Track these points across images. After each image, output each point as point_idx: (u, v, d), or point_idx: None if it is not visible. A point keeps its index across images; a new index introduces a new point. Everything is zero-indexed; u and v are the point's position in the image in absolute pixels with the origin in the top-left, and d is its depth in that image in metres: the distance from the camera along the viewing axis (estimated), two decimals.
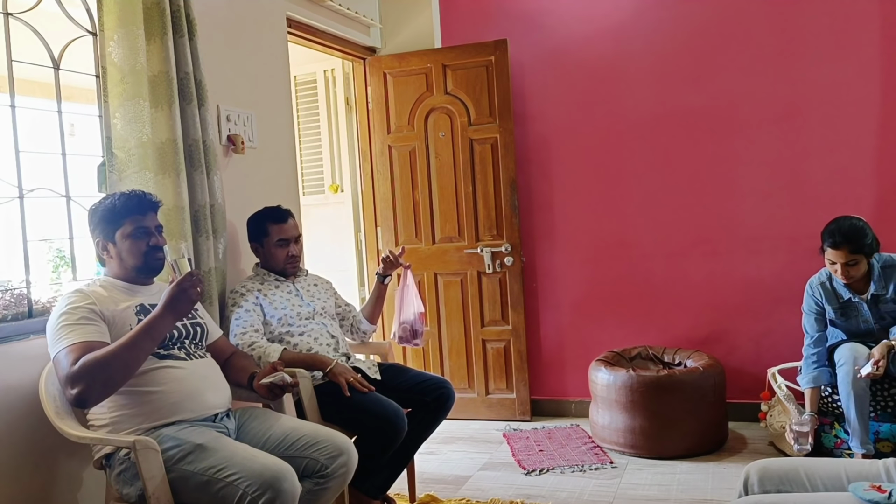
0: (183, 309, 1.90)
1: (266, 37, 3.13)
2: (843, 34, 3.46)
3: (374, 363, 2.80)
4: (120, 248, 2.05)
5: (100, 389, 1.82)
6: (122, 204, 2.06)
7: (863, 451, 2.85)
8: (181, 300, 1.88)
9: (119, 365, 1.82)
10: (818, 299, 3.07)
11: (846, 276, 2.91)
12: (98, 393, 1.83)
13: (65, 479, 2.17)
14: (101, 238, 2.07)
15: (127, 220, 2.04)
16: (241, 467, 1.80)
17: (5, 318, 2.15)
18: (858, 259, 2.87)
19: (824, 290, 3.05)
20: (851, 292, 2.99)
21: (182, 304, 1.88)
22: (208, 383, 2.08)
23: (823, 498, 1.59)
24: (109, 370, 1.80)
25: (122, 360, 1.82)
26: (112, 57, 2.32)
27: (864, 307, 2.98)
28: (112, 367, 1.81)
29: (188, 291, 1.88)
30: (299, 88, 4.36)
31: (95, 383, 1.79)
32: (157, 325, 1.87)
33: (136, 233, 2.05)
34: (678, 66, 3.73)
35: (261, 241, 2.73)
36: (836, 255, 2.88)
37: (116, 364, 1.81)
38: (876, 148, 3.46)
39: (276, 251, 2.72)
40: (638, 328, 3.88)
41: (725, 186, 3.70)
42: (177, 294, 1.87)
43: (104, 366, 1.80)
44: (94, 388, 1.80)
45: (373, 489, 2.56)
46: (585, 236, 3.96)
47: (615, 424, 3.38)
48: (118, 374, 1.82)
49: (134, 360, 1.85)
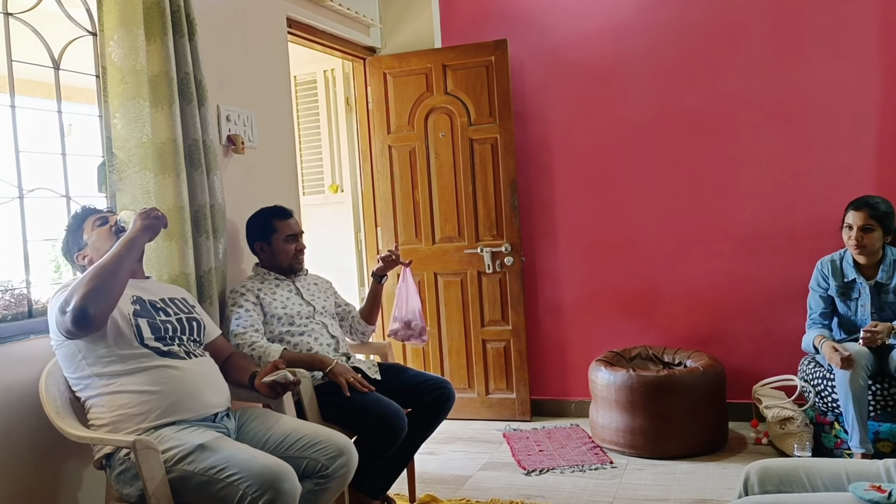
0: (151, 223, 2.01)
1: (266, 37, 3.13)
2: (843, 34, 3.46)
3: (374, 363, 2.80)
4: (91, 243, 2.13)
5: (93, 296, 1.85)
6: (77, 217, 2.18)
7: (862, 451, 2.86)
8: (147, 217, 2.01)
9: (105, 273, 1.89)
10: (825, 274, 3.12)
11: (858, 242, 2.94)
12: (93, 300, 1.85)
13: (65, 479, 2.17)
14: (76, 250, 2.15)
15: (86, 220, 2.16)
16: (241, 467, 1.80)
17: (5, 318, 2.15)
18: (874, 227, 2.94)
19: (832, 267, 3.10)
20: (857, 273, 3.00)
21: (149, 220, 2.01)
22: (207, 383, 2.08)
23: (823, 498, 1.59)
24: (98, 278, 1.87)
25: (107, 270, 1.90)
26: (112, 57, 2.32)
27: (865, 291, 3.00)
28: (100, 275, 1.88)
29: (150, 211, 2.02)
30: (299, 88, 4.36)
31: (89, 291, 1.85)
32: (132, 239, 1.98)
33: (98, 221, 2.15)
34: (678, 65, 3.73)
35: (268, 238, 2.72)
36: (856, 216, 2.95)
37: (103, 273, 1.89)
38: (876, 148, 3.47)
39: (285, 247, 2.72)
40: (638, 328, 3.88)
41: (725, 186, 3.70)
42: (143, 213, 2.02)
43: (91, 276, 1.88)
44: (89, 296, 1.84)
45: (373, 489, 2.56)
46: (585, 236, 3.96)
47: (615, 424, 3.38)
48: (108, 282, 1.89)
49: (119, 268, 1.92)
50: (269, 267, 2.76)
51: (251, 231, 2.78)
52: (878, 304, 3.01)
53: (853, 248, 3.00)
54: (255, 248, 2.77)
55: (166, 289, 2.24)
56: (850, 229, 3.00)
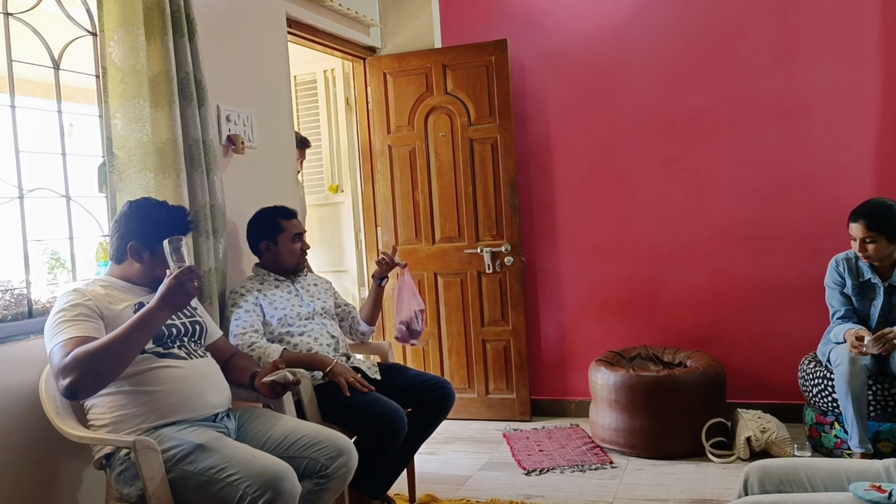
0: (179, 302, 1.84)
1: (266, 37, 3.13)
2: (843, 34, 3.46)
3: (374, 363, 2.80)
4: (156, 261, 2.04)
5: (91, 380, 1.78)
6: (169, 220, 2.08)
7: (861, 451, 2.85)
8: (178, 293, 1.82)
9: (111, 356, 1.78)
10: (841, 272, 3.09)
11: (863, 252, 2.93)
12: (89, 384, 1.79)
13: (65, 479, 2.17)
14: (137, 242, 2.07)
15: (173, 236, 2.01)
16: (241, 467, 1.80)
17: (5, 318, 2.15)
18: (876, 237, 2.89)
19: (847, 264, 3.08)
20: (873, 273, 2.99)
21: (179, 297, 1.82)
22: (208, 383, 2.08)
23: (823, 498, 1.59)
24: (101, 361, 1.77)
25: (114, 352, 1.78)
26: (112, 57, 2.32)
27: (881, 291, 2.99)
28: (104, 357, 1.77)
29: (185, 285, 1.82)
30: (299, 88, 4.36)
31: (86, 374, 1.76)
32: (152, 317, 1.82)
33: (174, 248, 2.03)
34: (678, 65, 3.73)
35: (274, 237, 2.71)
36: (855, 228, 2.93)
37: (108, 355, 1.78)
38: (876, 148, 3.47)
39: (292, 246, 2.72)
40: (638, 328, 3.88)
41: (725, 186, 3.70)
42: (174, 287, 1.81)
43: (96, 356, 1.76)
44: (85, 380, 1.76)
45: (373, 489, 2.56)
46: (585, 236, 3.96)
47: (615, 424, 3.38)
48: (110, 366, 1.79)
49: (127, 352, 1.81)
50: (271, 267, 2.76)
51: (256, 230, 2.77)
52: (889, 306, 3.00)
53: (860, 256, 2.99)
54: (261, 248, 2.75)
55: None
56: (854, 240, 2.97)
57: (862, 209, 2.95)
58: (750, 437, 3.19)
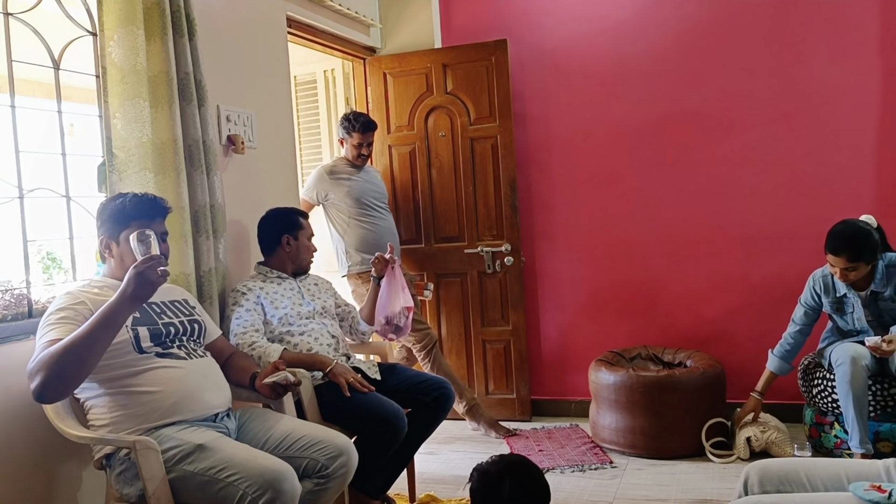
0: (140, 293, 1.74)
1: (266, 37, 3.13)
2: (843, 34, 3.46)
3: (374, 363, 2.80)
4: (122, 250, 2.03)
5: (55, 383, 1.72)
6: (132, 206, 2.02)
7: (862, 451, 2.85)
8: (139, 283, 1.73)
9: (72, 357, 1.72)
10: (817, 292, 3.10)
11: (845, 280, 2.93)
12: (53, 386, 1.72)
13: (65, 479, 2.17)
14: (105, 236, 2.05)
15: (134, 222, 2.00)
16: (241, 468, 1.80)
17: (5, 318, 2.15)
18: (857, 266, 2.88)
19: (824, 283, 3.08)
20: (848, 288, 2.99)
21: (140, 287, 1.73)
22: (208, 383, 2.08)
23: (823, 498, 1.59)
24: (62, 362, 1.71)
25: (75, 353, 1.72)
26: (112, 57, 2.31)
27: (858, 304, 2.99)
28: (65, 359, 1.71)
29: (145, 274, 1.73)
30: (299, 88, 4.36)
31: (50, 376, 1.71)
32: (113, 312, 1.74)
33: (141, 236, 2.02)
34: (678, 66, 3.73)
35: (295, 233, 2.75)
36: (836, 260, 2.90)
37: (69, 357, 1.71)
38: (876, 148, 3.47)
39: (309, 244, 2.80)
40: (638, 328, 3.88)
41: (725, 186, 3.70)
42: (132, 278, 1.73)
43: (57, 358, 1.71)
44: (49, 382, 1.71)
45: (373, 489, 2.56)
46: (585, 236, 3.97)
47: (615, 424, 3.38)
48: (72, 367, 1.73)
49: (88, 352, 1.74)
50: (279, 265, 2.76)
51: (278, 224, 2.76)
52: (877, 311, 3.00)
53: (841, 280, 2.96)
54: (282, 241, 2.74)
55: (166, 291, 2.22)
56: (833, 266, 2.94)
57: (839, 243, 2.87)
58: (750, 438, 3.19)
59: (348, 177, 3.63)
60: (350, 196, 3.60)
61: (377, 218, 3.68)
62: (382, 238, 3.58)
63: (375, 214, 3.68)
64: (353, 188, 3.61)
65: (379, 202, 3.73)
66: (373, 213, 3.67)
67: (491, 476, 1.57)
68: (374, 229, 3.64)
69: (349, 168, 3.67)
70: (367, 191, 3.67)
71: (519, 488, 1.51)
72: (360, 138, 3.59)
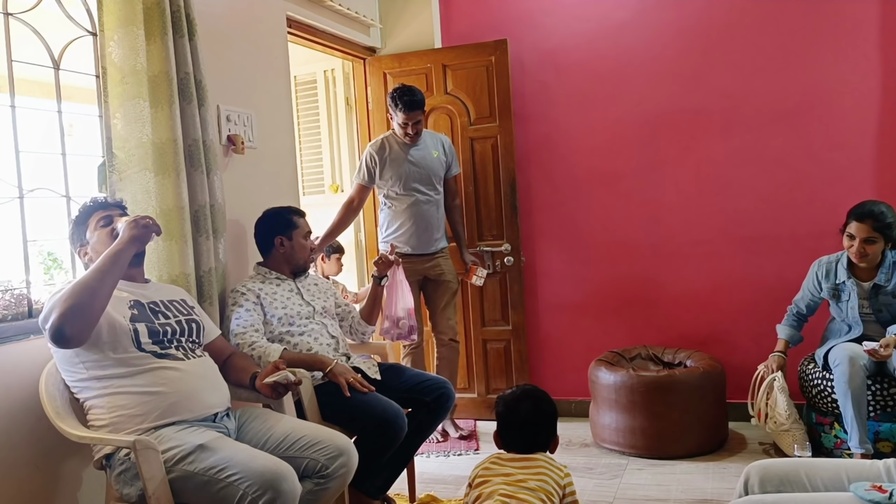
0: (142, 235, 1.98)
1: (266, 37, 3.13)
2: (844, 34, 3.46)
3: (374, 363, 2.80)
4: (92, 244, 2.09)
5: (70, 315, 1.80)
6: (87, 208, 2.14)
7: (862, 451, 2.86)
8: (135, 227, 1.97)
9: (85, 290, 1.84)
10: (820, 276, 3.14)
11: (860, 253, 2.93)
12: (72, 320, 1.81)
13: (65, 479, 2.17)
14: (78, 245, 2.13)
15: (92, 215, 2.11)
16: (241, 468, 1.80)
17: (5, 318, 2.15)
18: (877, 238, 2.90)
19: (827, 268, 3.11)
20: (848, 275, 3.00)
21: (137, 229, 1.97)
22: (206, 383, 2.08)
23: (823, 498, 1.59)
24: (76, 295, 1.82)
25: (85, 285, 1.84)
26: (112, 57, 2.31)
27: (854, 293, 2.99)
28: (81, 292, 1.83)
29: (137, 220, 1.98)
30: (299, 88, 4.36)
31: (65, 310, 1.80)
32: (116, 253, 1.92)
33: (102, 222, 2.10)
34: (678, 65, 3.73)
35: (289, 233, 2.73)
36: (859, 228, 2.92)
37: (85, 290, 1.84)
38: (876, 148, 3.47)
39: (304, 243, 2.76)
40: (638, 328, 3.88)
41: (725, 186, 3.70)
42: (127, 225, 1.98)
43: (69, 294, 1.82)
44: (67, 315, 1.80)
45: (373, 489, 2.56)
46: (585, 236, 3.97)
47: (615, 424, 3.38)
48: (86, 298, 1.83)
49: (99, 284, 1.87)
50: (277, 265, 2.76)
51: (271, 225, 2.75)
52: (876, 305, 3.00)
53: (854, 257, 2.98)
54: (275, 243, 2.74)
55: (165, 290, 2.23)
56: (851, 238, 2.96)
57: (866, 210, 2.94)
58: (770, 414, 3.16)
59: (393, 156, 3.50)
60: (392, 178, 3.49)
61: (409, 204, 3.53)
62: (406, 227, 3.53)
63: (406, 201, 3.53)
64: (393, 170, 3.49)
65: (421, 185, 3.54)
66: (403, 199, 3.53)
67: (510, 401, 2.01)
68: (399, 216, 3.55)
69: (397, 145, 3.54)
70: (411, 174, 3.52)
71: (533, 408, 1.98)
72: (405, 117, 3.43)
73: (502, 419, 2.00)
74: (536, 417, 1.97)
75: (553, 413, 2.02)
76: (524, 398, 2.01)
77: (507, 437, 1.99)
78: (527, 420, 1.96)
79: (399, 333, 3.16)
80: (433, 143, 3.63)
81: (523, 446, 1.96)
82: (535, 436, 1.97)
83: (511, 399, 2.02)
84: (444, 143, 3.69)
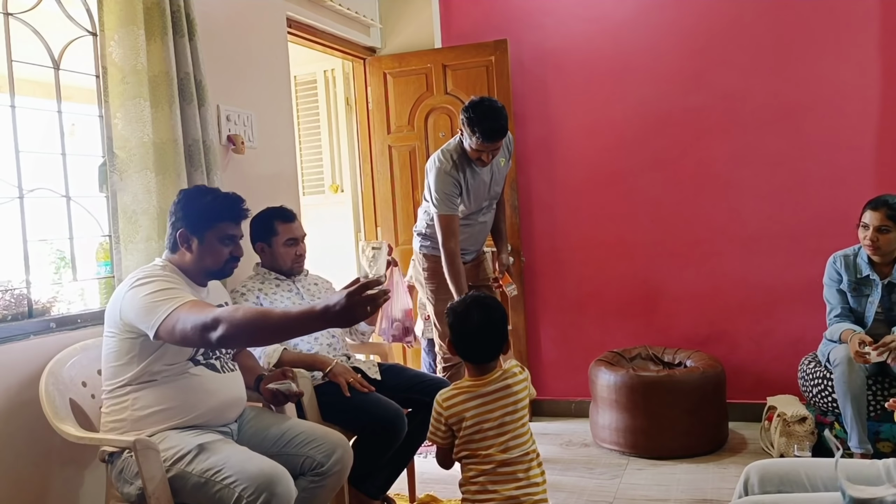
0: (348, 318, 1.61)
1: (266, 37, 3.13)
2: (844, 34, 3.46)
3: (374, 363, 2.80)
4: (205, 248, 2.04)
5: (241, 341, 1.89)
6: (222, 206, 2.07)
7: (861, 451, 2.85)
8: (351, 308, 1.58)
9: (265, 335, 1.76)
10: (838, 268, 3.09)
11: (874, 243, 2.92)
12: (236, 343, 1.93)
13: (65, 479, 2.18)
14: (186, 229, 2.04)
15: (222, 223, 2.05)
16: (236, 470, 1.80)
17: (5, 318, 2.15)
18: (890, 227, 2.89)
19: (845, 261, 3.07)
20: (872, 270, 2.99)
21: (349, 313, 1.59)
22: (232, 399, 2.09)
23: (823, 498, 1.59)
24: (258, 333, 1.73)
25: (270, 332, 1.73)
26: (112, 57, 2.32)
27: (878, 289, 2.98)
28: (261, 332, 1.73)
29: (354, 310, 1.57)
30: (299, 88, 4.36)
31: (240, 335, 1.72)
32: (308, 323, 1.67)
33: (225, 239, 2.06)
34: (678, 65, 3.73)
35: (269, 240, 2.69)
36: (873, 216, 2.91)
37: (265, 332, 1.73)
38: (876, 148, 3.47)
39: (285, 250, 2.68)
40: (638, 328, 3.88)
41: (726, 186, 3.70)
42: (348, 304, 1.57)
43: (255, 327, 1.70)
44: (237, 339, 1.78)
45: (373, 489, 2.56)
46: (585, 236, 3.96)
47: (615, 424, 3.38)
48: (259, 340, 1.95)
49: (280, 338, 2.01)
50: (270, 267, 2.76)
51: (253, 231, 2.76)
52: (888, 304, 2.99)
53: (868, 247, 2.97)
54: (256, 249, 2.75)
55: (214, 294, 2.22)
56: (865, 228, 2.96)
57: (881, 199, 2.95)
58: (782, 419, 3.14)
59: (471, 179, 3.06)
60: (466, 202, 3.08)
61: (470, 223, 3.19)
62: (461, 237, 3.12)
63: (470, 219, 3.18)
64: (470, 194, 3.07)
65: (486, 200, 3.20)
66: (467, 217, 3.16)
67: (460, 311, 2.03)
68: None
69: (468, 163, 3.04)
70: (481, 194, 3.14)
71: (484, 316, 2.00)
72: (481, 146, 2.92)
73: (455, 330, 2.03)
74: (487, 325, 2.00)
75: (503, 318, 2.05)
76: (474, 307, 2.02)
77: (462, 347, 2.02)
78: (479, 328, 1.99)
79: (394, 335, 3.16)
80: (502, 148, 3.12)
81: (479, 355, 2.00)
82: (488, 343, 2.00)
83: (462, 309, 2.03)
84: (508, 143, 3.22)
